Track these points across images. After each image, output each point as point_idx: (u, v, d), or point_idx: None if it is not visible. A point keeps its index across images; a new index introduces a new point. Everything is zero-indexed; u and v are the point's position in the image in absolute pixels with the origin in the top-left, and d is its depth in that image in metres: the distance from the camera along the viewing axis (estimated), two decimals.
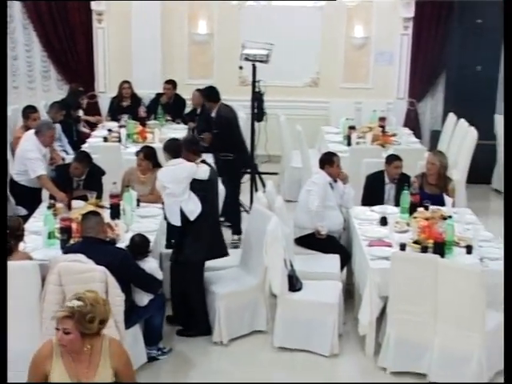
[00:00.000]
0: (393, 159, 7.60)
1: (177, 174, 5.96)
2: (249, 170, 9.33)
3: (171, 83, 10.62)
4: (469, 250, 6.22)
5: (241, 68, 9.20)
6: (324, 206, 7.00)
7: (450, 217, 6.50)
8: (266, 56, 8.74)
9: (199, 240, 6.05)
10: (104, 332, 3.94)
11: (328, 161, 7.21)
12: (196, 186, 6.00)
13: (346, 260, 6.96)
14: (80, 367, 3.84)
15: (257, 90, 8.93)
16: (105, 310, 3.86)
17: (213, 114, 8.25)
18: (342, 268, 6.86)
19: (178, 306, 6.34)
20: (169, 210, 6.02)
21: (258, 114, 9.05)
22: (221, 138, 8.10)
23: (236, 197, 8.33)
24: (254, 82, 8.89)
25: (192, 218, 5.98)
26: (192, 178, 5.98)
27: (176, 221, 6.00)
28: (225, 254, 6.28)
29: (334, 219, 7.10)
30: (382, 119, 10.06)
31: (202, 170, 6.06)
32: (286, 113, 10.21)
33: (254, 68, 8.79)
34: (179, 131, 9.52)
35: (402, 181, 7.37)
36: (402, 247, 6.16)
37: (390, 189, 7.62)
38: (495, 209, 9.91)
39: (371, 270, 5.96)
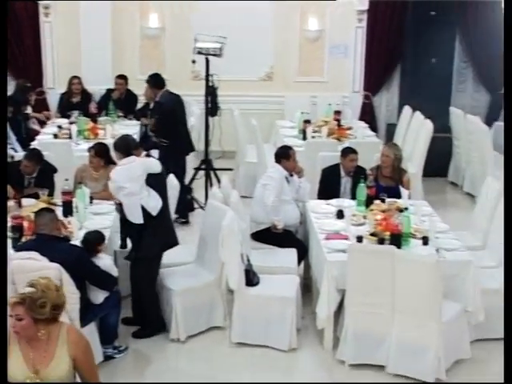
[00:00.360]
0: (348, 152, 7.76)
1: (132, 173, 6.00)
2: (203, 166, 9.44)
3: (123, 78, 10.64)
4: (425, 241, 6.41)
5: (194, 62, 9.28)
6: (280, 200, 7.13)
7: (406, 209, 6.67)
8: (219, 49, 8.85)
9: (157, 235, 6.12)
10: (62, 320, 4.02)
11: (284, 155, 7.34)
12: (152, 180, 6.06)
13: (303, 254, 7.10)
14: (37, 354, 3.92)
15: (210, 84, 9.04)
16: (57, 296, 3.94)
17: (156, 99, 8.40)
18: (299, 262, 6.99)
19: (136, 305, 6.40)
20: (129, 209, 6.02)
21: (212, 108, 9.17)
22: (161, 124, 8.24)
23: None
24: (207, 76, 8.99)
25: (155, 213, 6.05)
26: (147, 173, 6.05)
27: (138, 219, 6.04)
28: (176, 243, 6.36)
29: (290, 213, 7.23)
30: (338, 113, 10.24)
31: (154, 164, 6.14)
32: (240, 107, 10.32)
33: (207, 62, 8.89)
34: (131, 127, 9.57)
35: (358, 174, 7.54)
36: (359, 239, 6.33)
37: (345, 182, 7.79)
38: (451, 201, 10.18)
39: (328, 263, 6.11)
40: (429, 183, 9.85)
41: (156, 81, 8.49)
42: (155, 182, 6.07)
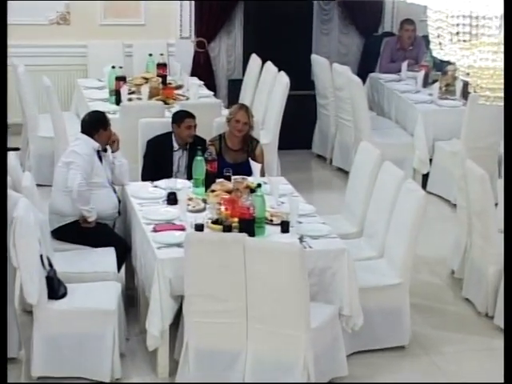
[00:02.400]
0: (183, 116, 8.15)
1: None
2: None
3: None
4: (285, 227, 6.84)
5: None
6: (90, 184, 7.35)
7: (259, 186, 7.06)
8: None
9: None
10: None
11: (97, 123, 7.57)
12: None
13: (125, 254, 7.37)
14: None
15: None
16: None
17: None
18: (119, 266, 7.26)
19: None
20: None
21: None
22: None
23: None
24: None
25: None
26: None
27: None
28: None
29: (104, 200, 7.49)
30: (162, 66, 10.53)
31: None
32: (26, 62, 10.36)
33: None
34: None
35: (196, 146, 7.91)
36: (199, 229, 6.67)
37: (179, 157, 8.16)
38: (318, 179, 10.76)
39: (159, 262, 6.41)
40: (287, 158, 10.35)
41: None
42: None
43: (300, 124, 10.96)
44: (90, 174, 7.37)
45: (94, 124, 7.58)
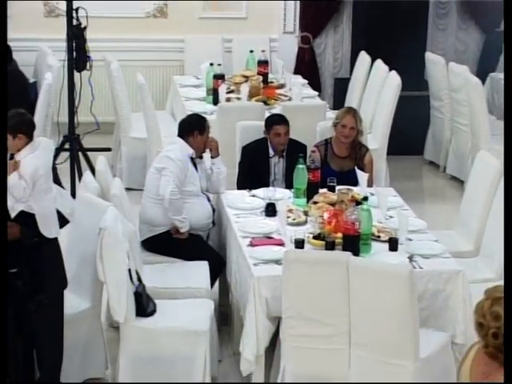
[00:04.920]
0: (273, 123, 8.08)
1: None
2: (67, 146, 9.56)
3: None
4: (393, 245, 6.71)
5: None
6: (183, 192, 7.34)
7: (365, 199, 6.95)
8: None
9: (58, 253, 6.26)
10: None
11: (195, 126, 7.58)
12: None
13: (218, 269, 7.34)
14: None
15: (75, 23, 9.16)
16: None
17: None
18: (212, 281, 7.22)
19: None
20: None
21: (78, 59, 9.30)
22: None
23: None
24: (69, 11, 9.10)
25: (72, 218, 6.29)
26: None
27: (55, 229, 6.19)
28: None
29: (198, 210, 7.48)
30: (264, 64, 10.51)
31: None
32: (120, 58, 10.45)
33: None
34: None
35: (294, 152, 7.82)
36: (299, 245, 6.58)
37: (276, 164, 8.08)
38: (430, 189, 10.60)
39: (255, 280, 6.34)
40: (397, 164, 10.24)
41: None
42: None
43: (411, 128, 10.83)
44: (183, 181, 7.37)
45: (191, 127, 7.60)
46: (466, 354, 4.30)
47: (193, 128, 7.58)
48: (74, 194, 8.65)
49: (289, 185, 7.75)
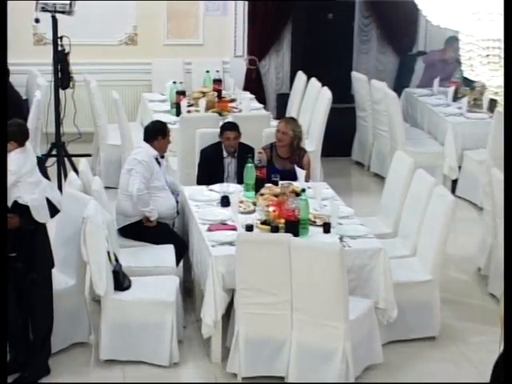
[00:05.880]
0: (224, 128, 8.13)
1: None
2: (54, 152, 9.55)
3: None
4: (326, 228, 6.80)
5: (37, 21, 9.36)
6: (149, 188, 7.38)
7: (303, 191, 7.03)
8: (68, 5, 8.98)
9: (47, 238, 6.28)
10: None
11: (159, 131, 7.58)
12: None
13: (183, 251, 7.37)
14: None
15: (60, 48, 9.15)
16: None
17: None
18: (178, 261, 7.25)
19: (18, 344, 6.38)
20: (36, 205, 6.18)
21: (63, 79, 9.29)
22: None
23: None
24: (55, 38, 9.09)
25: (60, 207, 6.30)
26: None
27: (46, 216, 6.16)
28: None
29: (164, 202, 7.50)
30: (218, 82, 10.54)
31: None
32: (97, 78, 10.41)
33: (55, 21, 9.00)
34: None
35: (244, 153, 7.88)
36: (249, 229, 6.65)
37: (229, 163, 8.12)
38: (357, 184, 10.69)
39: (213, 259, 6.40)
40: (329, 164, 10.28)
41: None
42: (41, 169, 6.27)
43: (341, 134, 10.86)
44: (149, 178, 7.40)
45: (155, 132, 7.59)
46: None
47: (157, 133, 7.58)
48: (60, 191, 8.65)
49: (240, 181, 7.80)
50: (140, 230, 7.38)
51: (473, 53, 3.70)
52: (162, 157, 7.64)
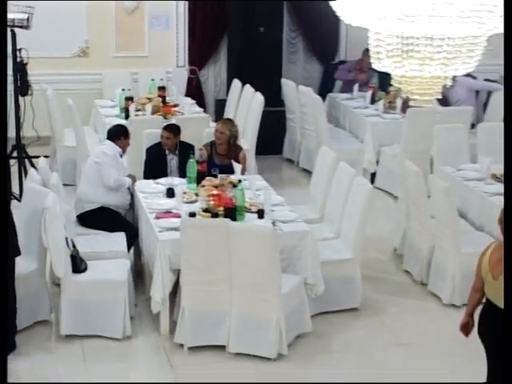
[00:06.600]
0: (163, 129, 8.21)
1: None
2: (15, 154, 9.51)
3: None
4: (260, 214, 6.90)
5: None
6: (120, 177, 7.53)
7: (239, 181, 7.13)
8: (26, 20, 8.93)
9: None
10: None
11: (122, 132, 7.78)
12: None
13: (134, 238, 7.42)
14: None
15: (18, 59, 9.12)
16: None
17: None
18: (129, 247, 7.31)
19: None
20: None
21: (22, 86, 9.26)
22: None
23: None
24: (14, 51, 9.06)
25: None
26: None
27: None
28: None
29: (121, 194, 7.60)
30: (162, 89, 10.58)
31: None
32: (54, 87, 10.37)
33: (14, 35, 8.97)
34: None
35: (184, 150, 7.98)
36: (192, 216, 6.74)
37: (171, 160, 8.19)
38: (287, 179, 10.80)
39: (160, 243, 6.47)
40: (263, 161, 10.36)
41: None
42: None
43: (273, 134, 10.94)
44: (118, 170, 7.56)
45: (118, 133, 7.77)
46: (486, 249, 4.86)
47: (120, 133, 7.75)
48: (21, 188, 8.67)
49: (181, 175, 7.86)
50: (96, 219, 7.41)
51: (380, 47, 3.84)
52: (121, 155, 7.73)
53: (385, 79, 10.89)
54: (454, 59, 3.78)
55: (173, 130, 8.17)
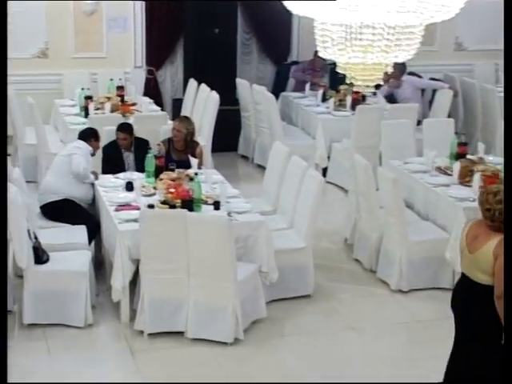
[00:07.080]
0: (116, 130, 8.29)
1: None
2: None
3: None
4: (216, 206, 6.97)
5: None
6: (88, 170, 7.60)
7: (196, 174, 7.21)
8: None
9: None
10: None
11: (94, 135, 7.92)
12: None
13: (95, 231, 7.44)
14: None
15: None
16: None
17: None
18: (91, 239, 7.33)
19: None
20: None
21: None
22: None
23: None
24: None
25: None
26: None
27: None
28: None
29: (86, 189, 7.65)
30: (121, 88, 10.61)
31: None
32: (14, 88, 10.32)
33: None
34: None
35: (140, 146, 8.09)
36: (150, 207, 6.78)
37: (127, 156, 8.28)
38: (243, 174, 10.88)
39: (120, 234, 6.53)
40: (219, 158, 10.42)
41: None
42: None
43: (228, 132, 11.00)
44: (88, 163, 7.65)
45: (89, 134, 7.93)
46: (464, 228, 5.06)
47: (90, 135, 7.91)
48: None
49: (138, 170, 7.93)
50: (59, 211, 7.45)
51: (326, 37, 3.94)
52: (93, 154, 7.90)
53: (335, 78, 11.11)
54: (394, 47, 3.91)
55: (127, 129, 8.25)
